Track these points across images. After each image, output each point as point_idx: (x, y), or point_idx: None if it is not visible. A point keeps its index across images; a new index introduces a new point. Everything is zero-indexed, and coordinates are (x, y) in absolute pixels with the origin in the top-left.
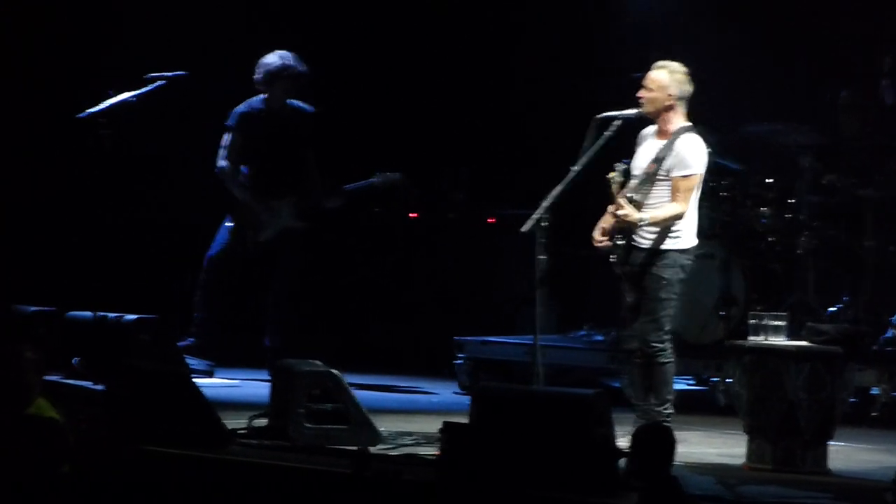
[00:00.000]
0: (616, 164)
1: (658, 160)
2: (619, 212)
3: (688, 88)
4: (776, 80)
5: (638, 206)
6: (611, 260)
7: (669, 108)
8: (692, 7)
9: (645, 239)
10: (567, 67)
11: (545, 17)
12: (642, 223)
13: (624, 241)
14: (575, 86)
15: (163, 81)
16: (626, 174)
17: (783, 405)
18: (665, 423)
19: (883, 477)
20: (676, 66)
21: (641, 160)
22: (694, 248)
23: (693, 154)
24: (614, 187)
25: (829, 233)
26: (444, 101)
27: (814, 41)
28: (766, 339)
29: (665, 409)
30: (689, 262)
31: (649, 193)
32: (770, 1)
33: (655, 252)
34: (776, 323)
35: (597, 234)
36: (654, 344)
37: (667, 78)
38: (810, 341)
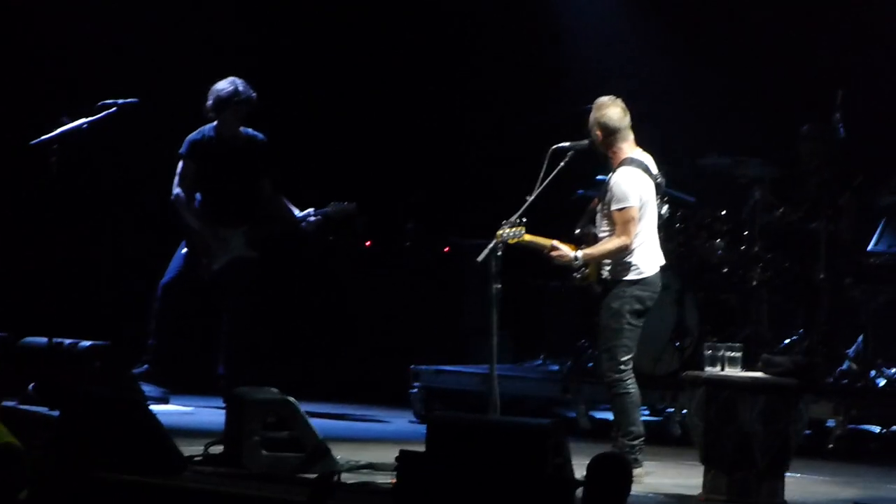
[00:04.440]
0: (503, 223)
1: (602, 195)
2: (553, 253)
3: (616, 121)
4: (731, 113)
5: (593, 240)
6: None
7: (609, 144)
8: (649, 40)
9: (603, 272)
10: (523, 98)
11: (500, 47)
12: (577, 261)
13: (580, 277)
14: (531, 116)
15: (114, 108)
16: (522, 223)
17: (738, 436)
18: (621, 453)
19: None
20: (603, 101)
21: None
22: (651, 278)
23: (626, 186)
24: (515, 241)
25: (783, 265)
26: (399, 131)
27: (770, 75)
28: (721, 371)
29: (628, 439)
30: (645, 293)
31: (601, 228)
32: (727, 33)
33: (608, 283)
34: (732, 354)
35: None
36: (608, 374)
37: (593, 115)
38: (765, 373)
